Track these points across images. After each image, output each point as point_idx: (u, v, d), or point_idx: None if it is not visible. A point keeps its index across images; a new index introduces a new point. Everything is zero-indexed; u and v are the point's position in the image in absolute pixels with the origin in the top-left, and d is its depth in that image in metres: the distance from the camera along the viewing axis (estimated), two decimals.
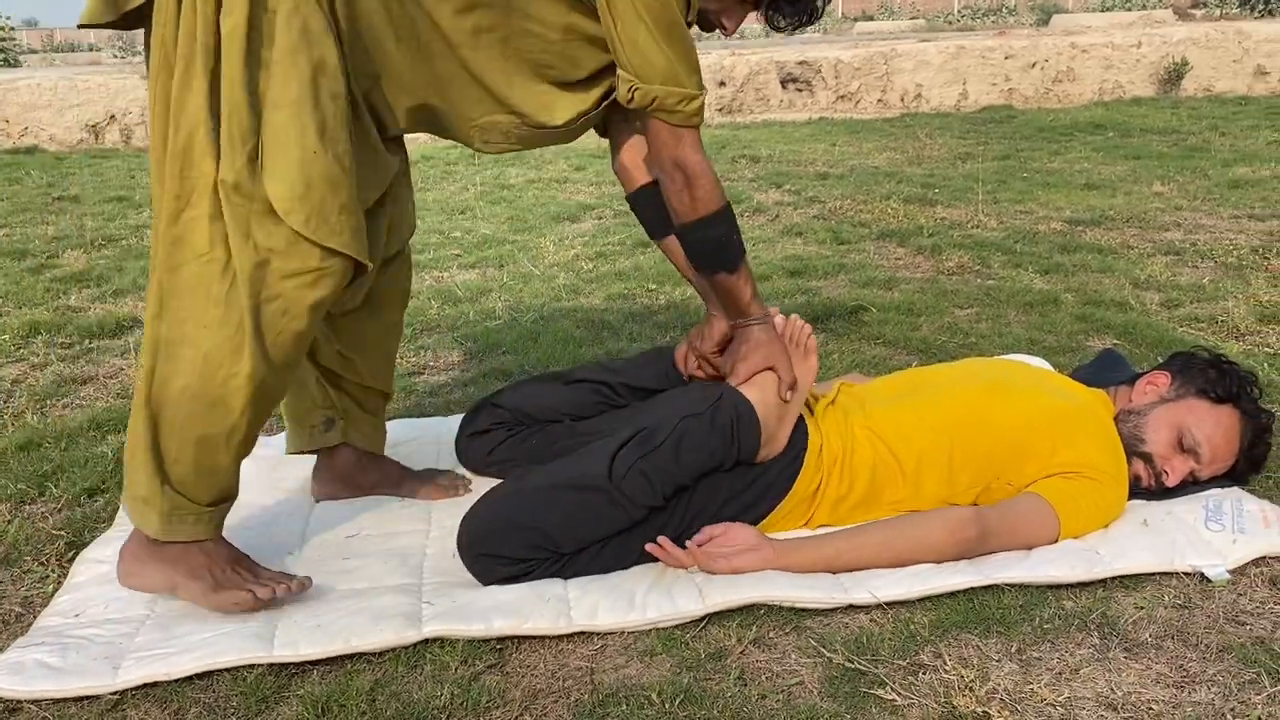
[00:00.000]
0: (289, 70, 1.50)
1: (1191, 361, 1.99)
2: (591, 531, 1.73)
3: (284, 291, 1.56)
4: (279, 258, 1.54)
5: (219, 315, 1.55)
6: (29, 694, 1.48)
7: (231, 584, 1.65)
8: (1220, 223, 4.26)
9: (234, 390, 1.57)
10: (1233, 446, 1.91)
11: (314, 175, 1.52)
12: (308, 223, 1.52)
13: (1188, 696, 1.44)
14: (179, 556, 1.65)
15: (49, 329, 3.24)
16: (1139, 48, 8.65)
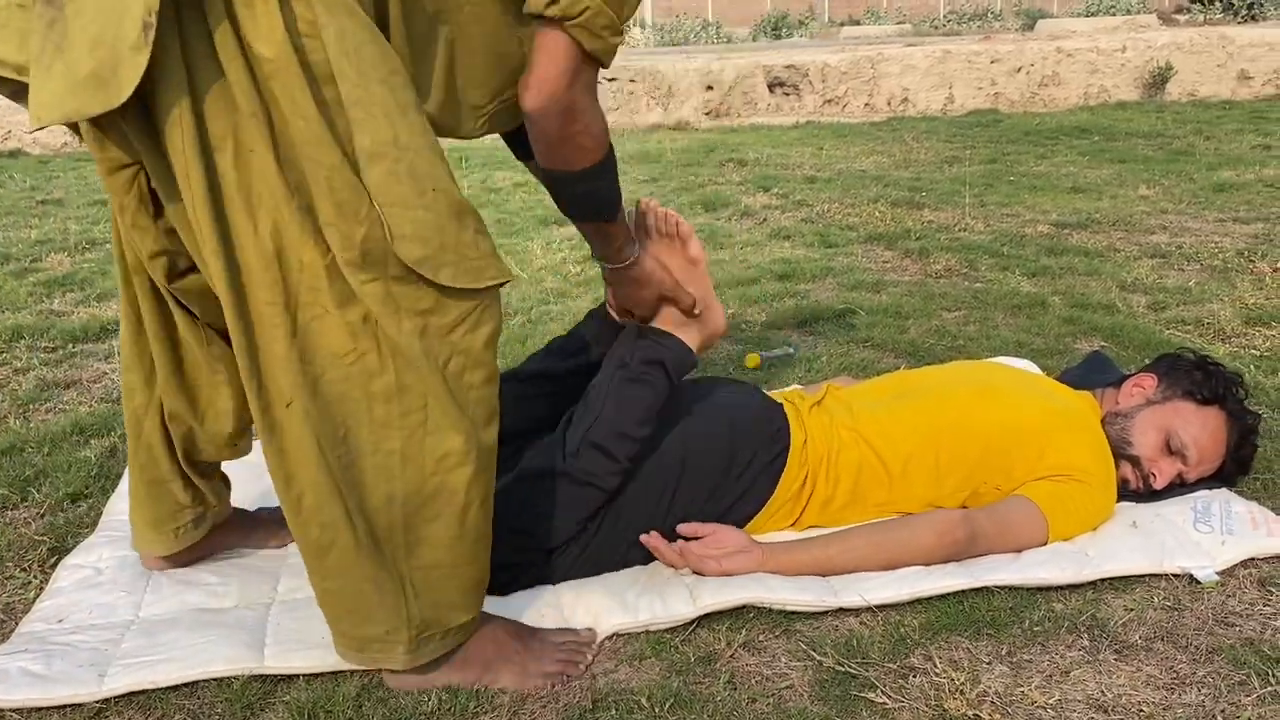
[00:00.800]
0: (369, 104, 1.21)
1: (1177, 363, 1.99)
2: (567, 519, 1.70)
3: (455, 347, 1.34)
4: (435, 315, 1.32)
5: (395, 410, 1.32)
6: (13, 702, 1.47)
7: (537, 666, 1.51)
8: (1206, 226, 4.28)
9: (449, 469, 1.36)
10: (1220, 448, 1.91)
11: (441, 217, 1.28)
12: (455, 275, 1.30)
13: (1178, 698, 1.44)
14: (461, 662, 1.49)
15: (32, 333, 3.21)
16: (1124, 52, 8.69)
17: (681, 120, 8.19)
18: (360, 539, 1.36)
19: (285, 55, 1.16)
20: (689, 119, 8.22)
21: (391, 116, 1.23)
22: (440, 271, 1.29)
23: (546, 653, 1.53)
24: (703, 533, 1.76)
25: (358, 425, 1.32)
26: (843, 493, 1.86)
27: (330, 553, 1.36)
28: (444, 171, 1.31)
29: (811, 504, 1.86)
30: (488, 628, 1.53)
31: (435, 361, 1.33)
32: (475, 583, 1.47)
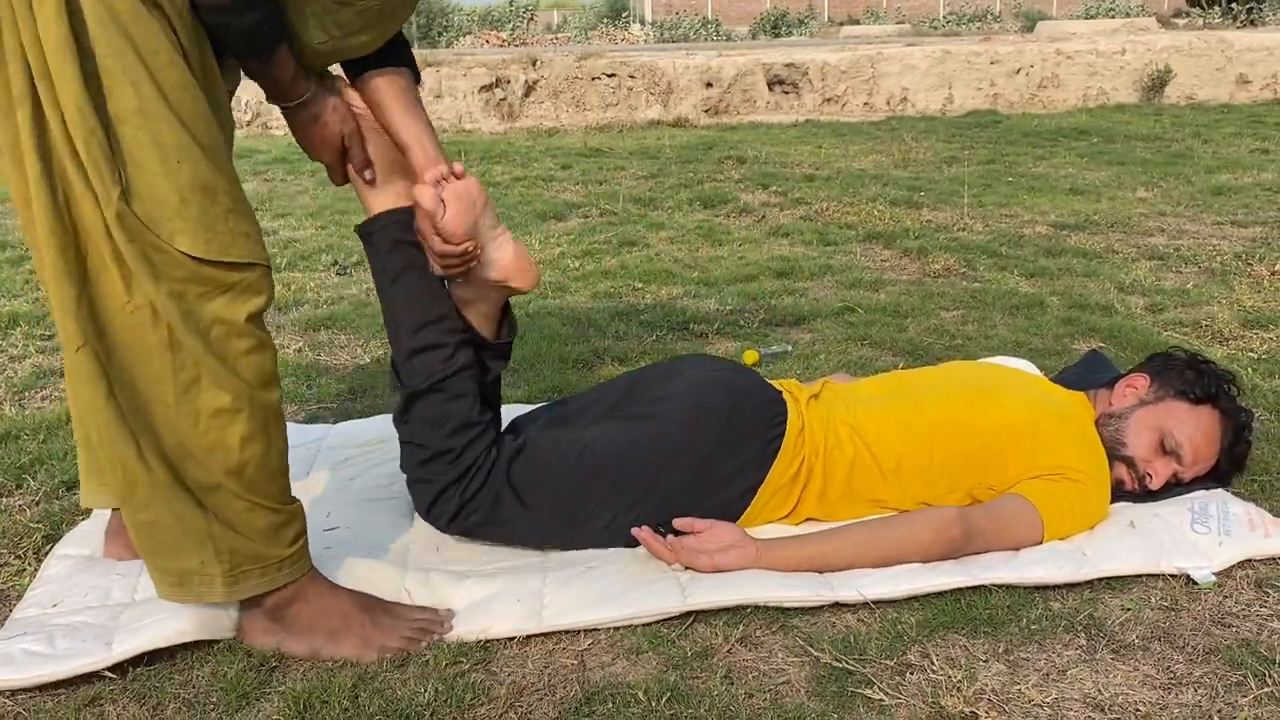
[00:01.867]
0: (119, 77, 1.31)
1: (1169, 363, 1.99)
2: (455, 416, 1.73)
3: (217, 315, 1.41)
4: (190, 285, 1.38)
5: (167, 364, 1.39)
6: (25, 681, 1.46)
7: (382, 638, 1.55)
8: (1204, 228, 4.28)
9: (222, 427, 1.43)
10: (1214, 447, 1.91)
11: (183, 187, 1.35)
12: (195, 243, 1.36)
13: (1174, 698, 1.44)
14: (305, 625, 1.55)
15: (28, 320, 3.20)
16: (1123, 55, 8.71)
17: (681, 117, 8.19)
18: (159, 477, 1.43)
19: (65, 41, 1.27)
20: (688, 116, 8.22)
21: (140, 86, 1.32)
22: (176, 238, 1.36)
23: (393, 627, 1.57)
24: (698, 528, 1.76)
25: (143, 373, 1.40)
26: (836, 483, 1.86)
27: (133, 490, 1.44)
28: (194, 146, 1.36)
29: (807, 494, 1.86)
30: (334, 599, 1.59)
31: (196, 325, 1.40)
32: (274, 527, 1.52)
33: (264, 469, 1.49)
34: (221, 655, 1.55)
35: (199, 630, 1.54)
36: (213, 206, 1.38)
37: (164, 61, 1.34)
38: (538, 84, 8.29)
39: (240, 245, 1.41)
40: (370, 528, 1.91)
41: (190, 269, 1.38)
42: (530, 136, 7.66)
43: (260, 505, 1.50)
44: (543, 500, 1.77)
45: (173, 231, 1.36)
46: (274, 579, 1.53)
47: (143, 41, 1.32)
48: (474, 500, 1.75)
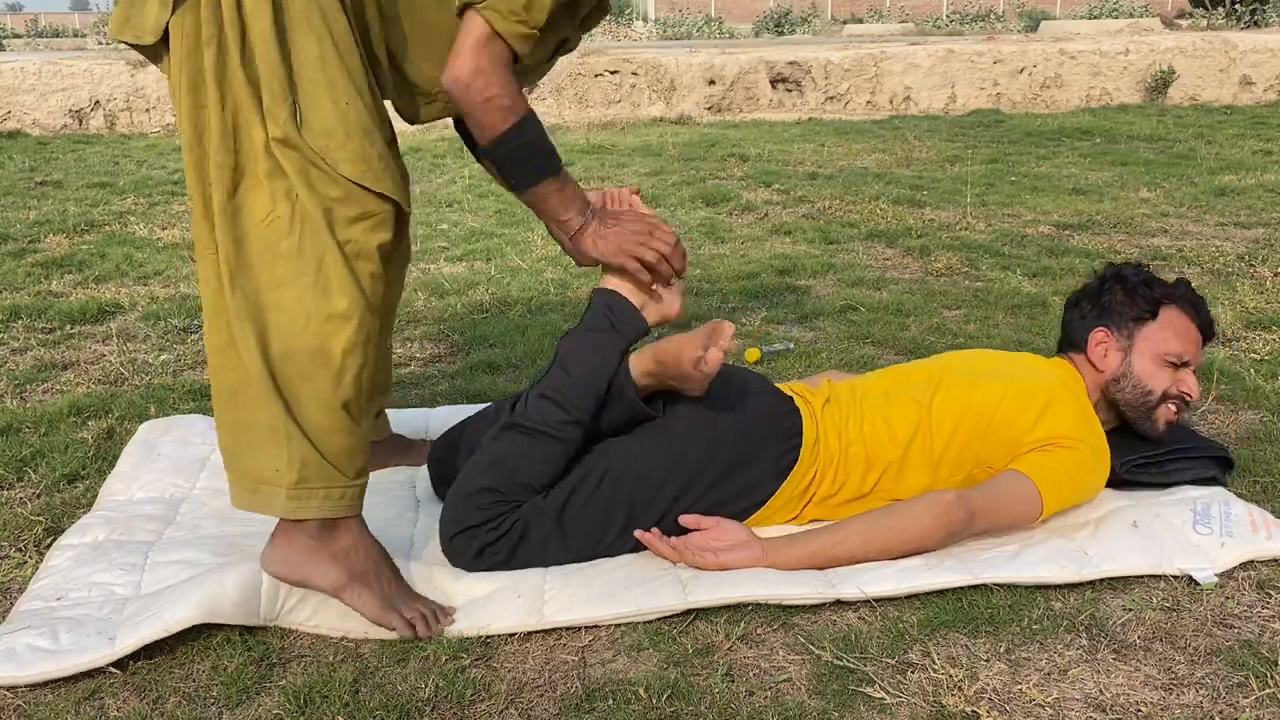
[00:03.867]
0: (306, 31, 1.53)
1: (1101, 299, 2.01)
2: (528, 469, 1.74)
3: (354, 236, 1.57)
4: (340, 205, 1.55)
5: (292, 267, 1.53)
6: (28, 678, 1.46)
7: (396, 606, 1.58)
8: (1206, 230, 4.28)
9: (331, 333, 1.53)
10: (1194, 330, 1.98)
11: (350, 125, 1.55)
12: (355, 169, 1.55)
13: (1176, 699, 1.44)
14: (342, 556, 1.59)
15: (29, 313, 3.20)
16: (1126, 55, 8.69)
17: (683, 114, 8.18)
18: (261, 376, 1.53)
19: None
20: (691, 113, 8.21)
21: (323, 42, 1.54)
22: (341, 164, 1.54)
23: (408, 603, 1.60)
24: (704, 525, 1.76)
25: (266, 278, 1.53)
26: (849, 490, 1.86)
27: (234, 384, 1.55)
28: (358, 98, 1.57)
29: (816, 499, 1.86)
30: (376, 547, 1.63)
31: (335, 236, 1.55)
32: (349, 451, 1.58)
33: (356, 384, 1.57)
34: (222, 649, 1.55)
35: (202, 615, 1.54)
36: (371, 146, 1.57)
37: (341, 26, 1.56)
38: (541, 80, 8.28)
39: (388, 181, 1.59)
40: (377, 521, 1.90)
41: (344, 190, 1.55)
42: None
43: (342, 423, 1.56)
44: (569, 535, 1.74)
45: (339, 159, 1.54)
46: (335, 506, 1.57)
47: (327, 6, 1.54)
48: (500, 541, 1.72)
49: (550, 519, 1.73)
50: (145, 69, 7.71)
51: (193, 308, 3.27)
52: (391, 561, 1.65)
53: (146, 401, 2.50)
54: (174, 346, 2.96)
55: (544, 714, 1.42)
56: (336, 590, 1.58)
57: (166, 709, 1.43)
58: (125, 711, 1.43)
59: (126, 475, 2.07)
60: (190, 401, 2.53)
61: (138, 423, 2.36)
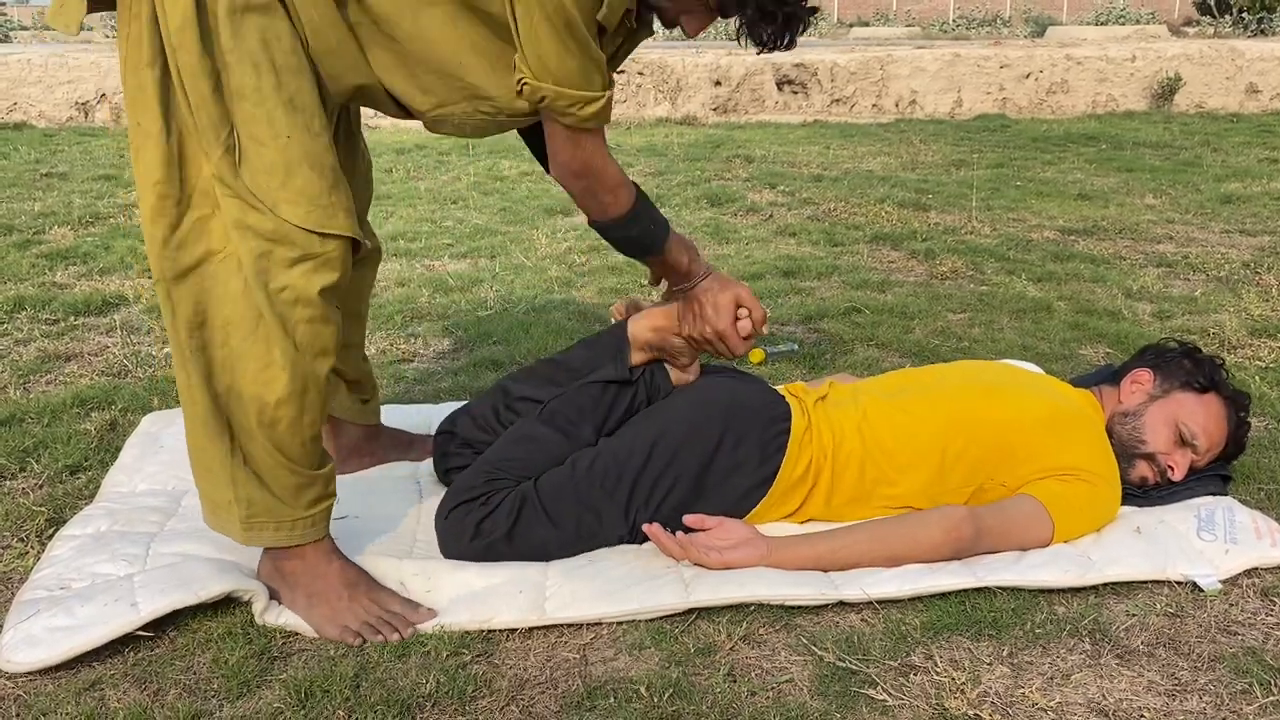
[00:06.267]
0: (241, 59, 1.43)
1: (1166, 354, 2.02)
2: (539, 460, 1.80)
3: (291, 281, 1.49)
4: (280, 247, 1.47)
5: (238, 310, 1.50)
6: (57, 656, 1.47)
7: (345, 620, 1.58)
8: (1212, 236, 4.27)
9: (265, 383, 1.51)
10: (1223, 431, 1.95)
11: (293, 160, 1.46)
12: (297, 211, 1.46)
13: (1179, 705, 1.44)
14: (292, 578, 1.62)
15: (34, 304, 3.20)
16: (1133, 62, 8.68)
17: (689, 115, 8.17)
18: (208, 413, 1.54)
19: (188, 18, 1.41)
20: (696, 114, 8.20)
21: (260, 69, 1.44)
22: (281, 206, 1.46)
23: (366, 610, 1.59)
24: (708, 524, 1.76)
25: (216, 314, 1.51)
26: (847, 486, 1.85)
27: (189, 414, 1.56)
28: (304, 128, 1.48)
29: (814, 495, 1.86)
30: (327, 566, 1.63)
31: (268, 285, 1.48)
32: (296, 488, 1.58)
33: (294, 431, 1.55)
34: (223, 642, 1.54)
35: (233, 585, 1.58)
36: (319, 179, 1.48)
37: (285, 48, 1.46)
38: None
39: (339, 219, 1.51)
40: (378, 519, 1.91)
41: (282, 231, 1.47)
42: None
43: (285, 464, 1.56)
44: (563, 513, 1.76)
45: (278, 200, 1.46)
46: (288, 536, 1.59)
47: (267, 29, 1.45)
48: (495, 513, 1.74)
49: (535, 498, 1.75)
50: None
51: None
52: (352, 570, 1.65)
53: (149, 394, 2.50)
54: None
55: (545, 711, 1.42)
56: (292, 608, 1.61)
57: (167, 700, 1.43)
58: (125, 703, 1.42)
59: (129, 467, 2.06)
60: None
61: (141, 415, 2.35)
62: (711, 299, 1.83)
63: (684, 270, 1.83)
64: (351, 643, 1.56)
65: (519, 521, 1.73)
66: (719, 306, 1.83)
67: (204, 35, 1.42)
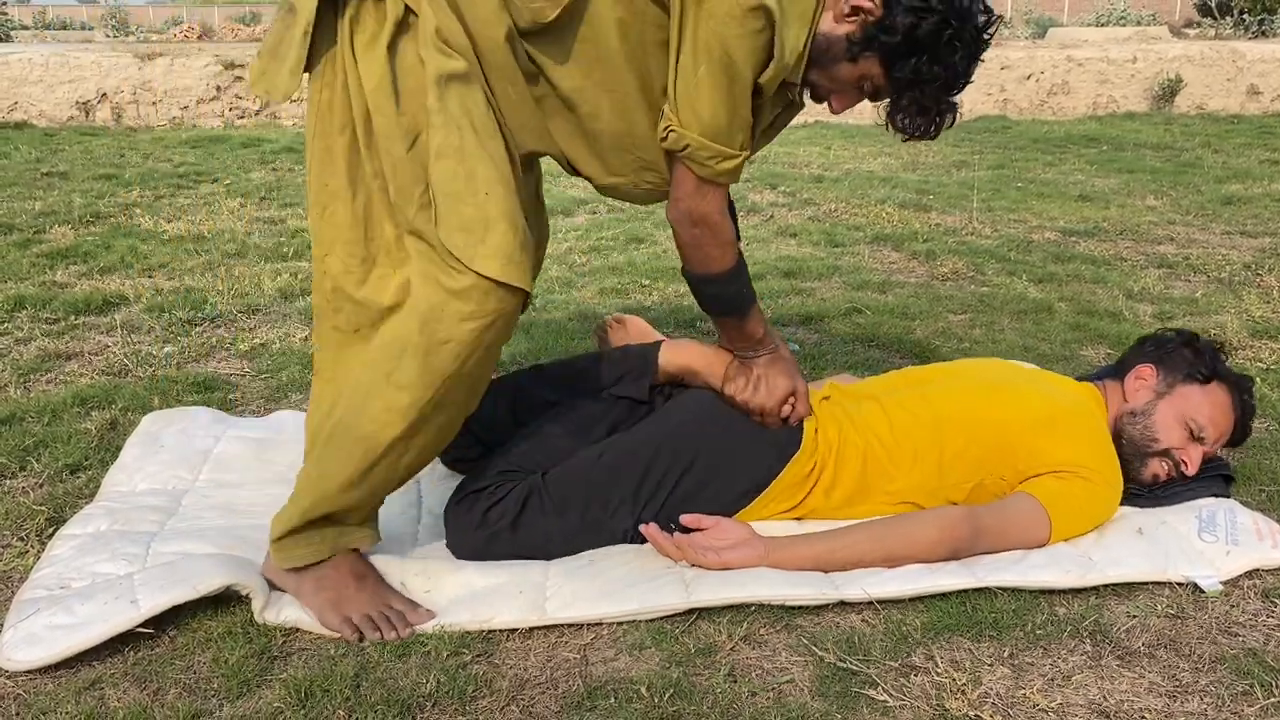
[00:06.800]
0: (447, 119, 1.49)
1: (1166, 346, 2.01)
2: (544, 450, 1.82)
3: (457, 335, 1.51)
4: (458, 300, 1.49)
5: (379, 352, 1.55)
6: (58, 654, 1.47)
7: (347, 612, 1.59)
8: (1213, 238, 4.27)
9: (383, 425, 1.54)
10: (1230, 419, 1.95)
11: (492, 217, 1.49)
12: (493, 265, 1.48)
13: (1180, 706, 1.43)
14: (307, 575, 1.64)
15: (34, 303, 3.20)
16: (1134, 63, 8.68)
17: None
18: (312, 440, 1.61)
19: (384, 83, 1.50)
20: None
21: (463, 130, 1.49)
22: (477, 261, 1.48)
23: (369, 603, 1.60)
24: (705, 524, 1.76)
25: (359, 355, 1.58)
26: (847, 481, 1.85)
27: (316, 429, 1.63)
28: (501, 183, 1.51)
29: (815, 491, 1.86)
30: (338, 565, 1.64)
31: (432, 335, 1.51)
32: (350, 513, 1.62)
33: (389, 472, 1.59)
34: (223, 641, 1.54)
35: (231, 578, 1.59)
36: (513, 234, 1.50)
37: (482, 111, 1.52)
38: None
39: (525, 277, 1.52)
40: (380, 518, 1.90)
41: (470, 284, 1.49)
42: None
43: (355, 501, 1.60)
44: (570, 504, 1.76)
45: (475, 255, 1.48)
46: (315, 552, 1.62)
47: (466, 95, 1.51)
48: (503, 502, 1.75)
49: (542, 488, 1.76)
50: (152, 63, 7.71)
51: (197, 300, 3.27)
52: (360, 562, 1.67)
53: (150, 393, 2.50)
54: (178, 339, 2.95)
55: (545, 711, 1.42)
56: (296, 594, 1.62)
57: (167, 700, 1.43)
58: (125, 702, 1.42)
59: (129, 466, 2.06)
60: (193, 394, 2.53)
61: (141, 414, 2.35)
62: (770, 380, 1.84)
63: (756, 339, 1.83)
64: (349, 637, 1.56)
65: (525, 510, 1.74)
66: (774, 391, 1.83)
67: (398, 99, 1.49)
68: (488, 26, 1.52)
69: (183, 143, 6.69)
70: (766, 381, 1.84)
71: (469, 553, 1.75)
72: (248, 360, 2.80)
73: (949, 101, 1.58)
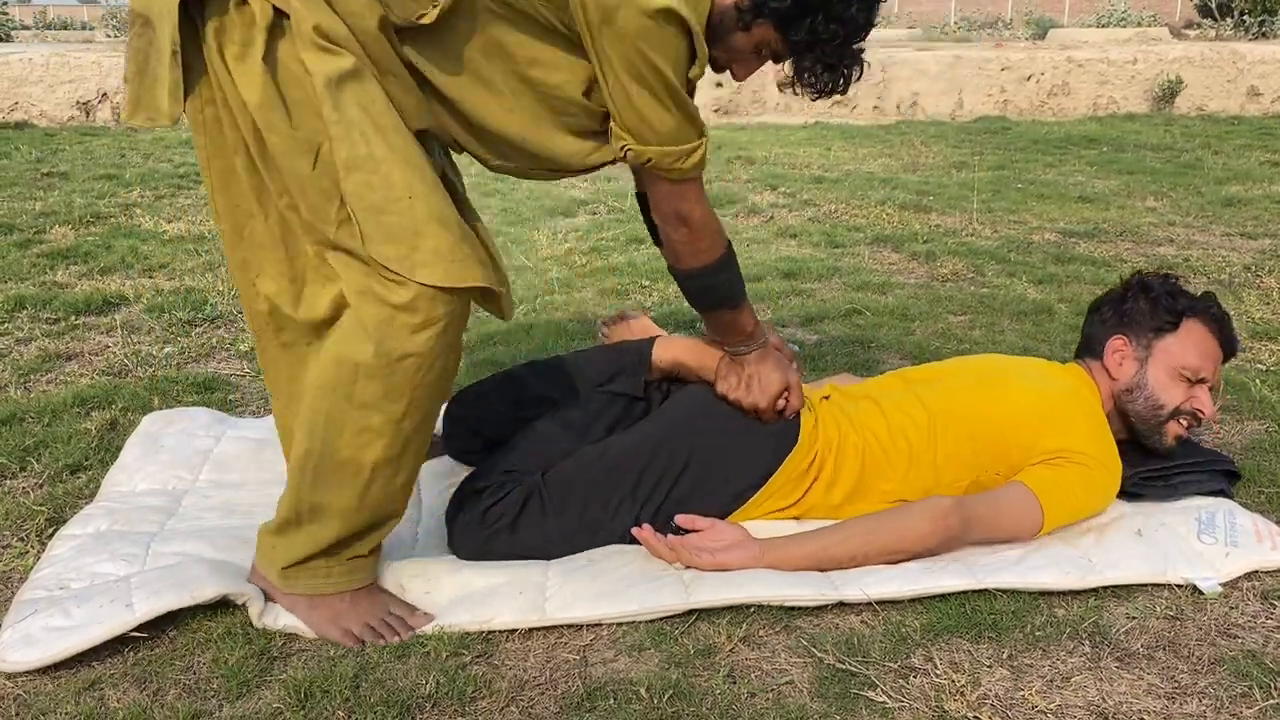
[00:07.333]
0: (349, 128, 1.42)
1: (1122, 308, 1.99)
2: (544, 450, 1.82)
3: (415, 349, 1.46)
4: (404, 313, 1.44)
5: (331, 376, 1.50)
6: (52, 656, 1.47)
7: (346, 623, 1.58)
8: (1213, 239, 4.27)
9: (363, 445, 1.50)
10: (1215, 344, 1.94)
11: (420, 221, 1.43)
12: (433, 273, 1.43)
13: (1179, 708, 1.43)
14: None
15: (34, 304, 3.20)
16: (1134, 64, 8.69)
17: None
18: (295, 470, 1.55)
19: (269, 98, 1.41)
20: None
21: (368, 136, 1.42)
22: (416, 271, 1.43)
23: (368, 613, 1.59)
24: (700, 525, 1.76)
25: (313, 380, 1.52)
26: (847, 478, 1.86)
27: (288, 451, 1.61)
28: (421, 182, 1.45)
29: (815, 487, 1.86)
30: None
31: (388, 352, 1.46)
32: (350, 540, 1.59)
33: (386, 491, 1.56)
34: (223, 642, 1.54)
35: (227, 588, 1.58)
36: (447, 235, 1.45)
37: (381, 108, 1.44)
38: None
39: (474, 269, 1.47)
40: None
41: (413, 294, 1.43)
42: None
43: (353, 527, 1.57)
44: (569, 504, 1.76)
45: (413, 265, 1.43)
46: (323, 585, 1.59)
47: (363, 95, 1.43)
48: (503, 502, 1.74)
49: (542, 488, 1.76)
50: None
51: (197, 301, 3.27)
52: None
53: (150, 393, 2.50)
54: (178, 339, 2.95)
55: (545, 712, 1.42)
56: (290, 607, 1.61)
57: (167, 700, 1.43)
58: (125, 703, 1.42)
59: (129, 466, 2.06)
60: (193, 394, 2.53)
61: (141, 414, 2.35)
62: (763, 377, 1.82)
63: (747, 333, 1.82)
64: (352, 645, 1.56)
65: (525, 511, 1.74)
66: (767, 387, 1.82)
67: (289, 113, 1.41)
68: (360, 19, 1.44)
69: (183, 143, 6.69)
70: (759, 379, 1.83)
71: (470, 552, 1.75)
72: (248, 360, 2.80)
73: (853, 54, 1.57)
